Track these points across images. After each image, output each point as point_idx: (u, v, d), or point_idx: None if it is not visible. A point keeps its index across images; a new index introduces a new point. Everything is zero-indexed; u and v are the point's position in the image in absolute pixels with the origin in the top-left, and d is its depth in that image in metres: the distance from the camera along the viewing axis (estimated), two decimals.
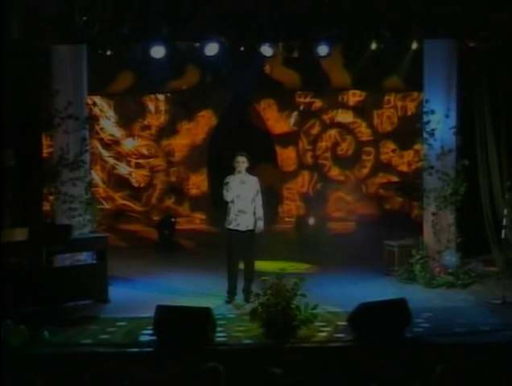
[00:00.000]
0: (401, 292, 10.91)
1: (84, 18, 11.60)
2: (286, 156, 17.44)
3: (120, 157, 17.28)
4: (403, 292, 10.85)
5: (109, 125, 17.16)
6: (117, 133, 17.24)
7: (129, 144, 17.31)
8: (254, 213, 10.96)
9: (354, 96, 17.41)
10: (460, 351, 8.84)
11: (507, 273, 11.49)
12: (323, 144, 17.59)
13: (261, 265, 11.56)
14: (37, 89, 12.24)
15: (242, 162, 10.93)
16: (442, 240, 12.09)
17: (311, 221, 15.25)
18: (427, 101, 12.19)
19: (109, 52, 12.37)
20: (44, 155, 13.01)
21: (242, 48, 12.64)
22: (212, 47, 12.27)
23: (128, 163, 17.35)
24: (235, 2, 11.89)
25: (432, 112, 12.06)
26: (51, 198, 12.57)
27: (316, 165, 17.58)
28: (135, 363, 8.78)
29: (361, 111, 17.47)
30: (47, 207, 13.13)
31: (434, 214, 12.10)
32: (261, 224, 10.97)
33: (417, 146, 15.45)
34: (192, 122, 17.28)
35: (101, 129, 17.08)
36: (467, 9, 11.71)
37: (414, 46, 12.37)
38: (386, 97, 17.43)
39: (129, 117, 17.23)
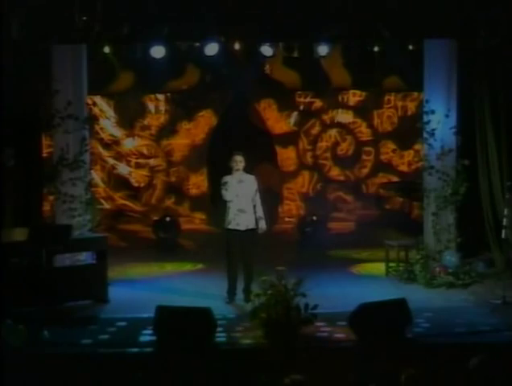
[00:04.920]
0: (401, 292, 10.90)
1: (84, 18, 11.61)
2: (287, 156, 17.45)
3: (120, 157, 17.29)
4: (403, 292, 10.84)
5: (109, 125, 17.17)
6: (117, 133, 17.25)
7: (129, 144, 17.32)
8: (254, 212, 10.97)
9: (354, 96, 17.43)
10: (460, 351, 8.83)
11: (507, 273, 11.49)
12: (323, 144, 17.61)
13: None
14: (37, 89, 12.24)
15: (240, 161, 10.94)
16: (442, 240, 12.09)
17: (312, 221, 15.26)
18: (427, 101, 12.19)
19: (110, 51, 12.38)
20: (44, 155, 13.00)
21: (242, 48, 12.65)
22: (212, 47, 12.29)
23: (128, 163, 17.36)
24: (235, 2, 11.90)
25: (432, 112, 12.06)
26: (51, 198, 12.58)
27: (316, 165, 17.59)
28: (135, 363, 8.77)
29: (361, 111, 17.48)
30: (47, 207, 13.13)
31: (434, 214, 12.11)
32: (263, 224, 10.99)
33: (417, 146, 15.46)
34: (192, 122, 17.29)
35: (101, 129, 17.09)
36: (467, 9, 11.71)
37: (413, 47, 12.39)
38: (386, 97, 17.46)
39: (129, 117, 17.24)
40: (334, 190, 17.46)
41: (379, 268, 12.69)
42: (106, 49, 12.36)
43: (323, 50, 12.57)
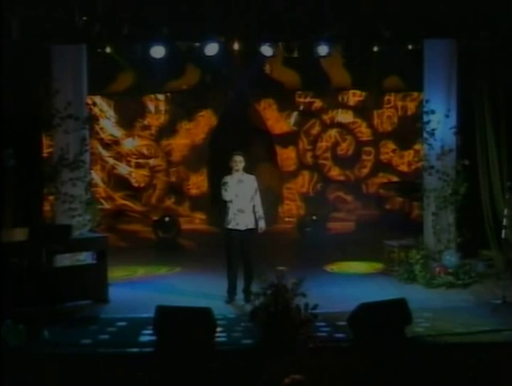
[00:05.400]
0: (401, 292, 10.91)
1: (84, 18, 11.61)
2: (286, 156, 17.46)
3: (120, 157, 17.30)
4: (403, 292, 10.85)
5: (109, 125, 17.18)
6: (117, 133, 17.26)
7: (129, 144, 17.33)
8: (254, 212, 10.98)
9: (354, 96, 17.44)
10: (460, 351, 8.83)
11: (507, 273, 11.49)
12: (323, 144, 17.62)
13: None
14: (37, 89, 12.24)
15: (240, 161, 10.95)
16: (442, 240, 12.09)
17: (312, 221, 15.28)
18: (427, 101, 12.19)
19: (110, 51, 12.38)
20: (44, 155, 13.01)
21: (242, 48, 12.65)
22: (212, 47, 12.28)
23: (128, 163, 17.36)
24: (235, 1, 11.90)
25: (432, 112, 12.06)
26: (51, 198, 12.57)
27: (316, 165, 17.60)
28: (135, 363, 8.77)
29: (361, 111, 17.49)
30: (47, 207, 13.13)
31: (434, 214, 12.10)
32: (263, 223, 11.01)
33: (417, 146, 15.47)
34: (192, 122, 17.30)
35: (101, 129, 17.10)
36: (467, 9, 11.71)
37: (412, 47, 12.39)
38: (386, 97, 17.48)
39: (129, 117, 17.25)
40: (334, 190, 17.47)
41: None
42: (108, 49, 12.37)
43: (323, 50, 12.57)
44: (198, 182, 17.33)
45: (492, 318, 10.11)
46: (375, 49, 12.67)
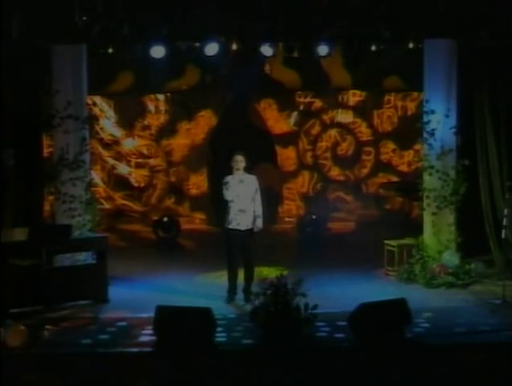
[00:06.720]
0: (401, 292, 10.92)
1: (84, 18, 11.61)
2: (286, 156, 17.45)
3: (120, 157, 17.30)
4: (403, 292, 10.85)
5: (109, 125, 17.18)
6: (117, 133, 17.26)
7: (129, 144, 17.32)
8: (254, 211, 10.98)
9: (354, 96, 17.44)
10: (460, 351, 8.84)
11: (507, 273, 11.49)
12: (323, 144, 17.62)
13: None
14: (37, 89, 12.24)
15: (240, 160, 10.95)
16: (442, 240, 12.09)
17: (312, 221, 15.28)
18: (427, 101, 12.19)
19: (110, 51, 12.38)
20: (44, 155, 13.01)
21: (242, 48, 12.65)
22: (212, 47, 12.28)
23: (128, 163, 17.36)
24: (235, 1, 11.90)
25: (432, 112, 12.06)
26: (51, 198, 12.57)
27: (316, 165, 17.60)
28: (135, 363, 8.77)
29: (361, 111, 17.49)
30: (47, 207, 13.12)
31: (434, 214, 12.10)
32: (260, 222, 11.00)
33: (417, 146, 15.47)
34: (192, 122, 17.30)
35: (101, 129, 17.10)
36: (467, 9, 11.71)
37: (412, 46, 12.40)
38: (386, 97, 17.47)
39: (129, 117, 17.25)
40: (334, 190, 17.47)
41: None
42: (108, 49, 12.37)
43: (323, 50, 12.57)
44: (198, 182, 17.32)
45: (492, 318, 10.11)
46: (375, 49, 12.67)
